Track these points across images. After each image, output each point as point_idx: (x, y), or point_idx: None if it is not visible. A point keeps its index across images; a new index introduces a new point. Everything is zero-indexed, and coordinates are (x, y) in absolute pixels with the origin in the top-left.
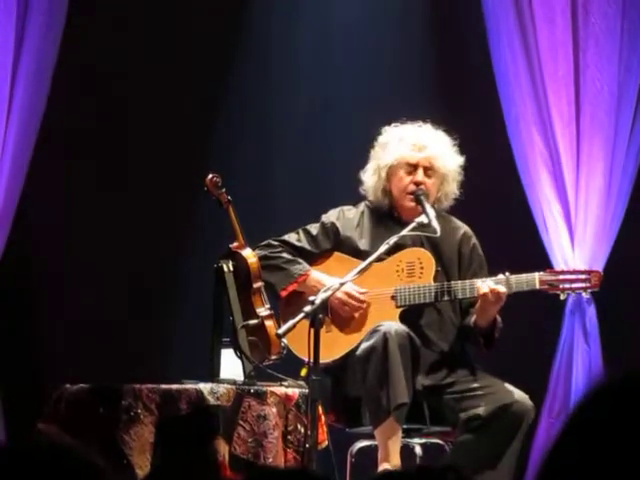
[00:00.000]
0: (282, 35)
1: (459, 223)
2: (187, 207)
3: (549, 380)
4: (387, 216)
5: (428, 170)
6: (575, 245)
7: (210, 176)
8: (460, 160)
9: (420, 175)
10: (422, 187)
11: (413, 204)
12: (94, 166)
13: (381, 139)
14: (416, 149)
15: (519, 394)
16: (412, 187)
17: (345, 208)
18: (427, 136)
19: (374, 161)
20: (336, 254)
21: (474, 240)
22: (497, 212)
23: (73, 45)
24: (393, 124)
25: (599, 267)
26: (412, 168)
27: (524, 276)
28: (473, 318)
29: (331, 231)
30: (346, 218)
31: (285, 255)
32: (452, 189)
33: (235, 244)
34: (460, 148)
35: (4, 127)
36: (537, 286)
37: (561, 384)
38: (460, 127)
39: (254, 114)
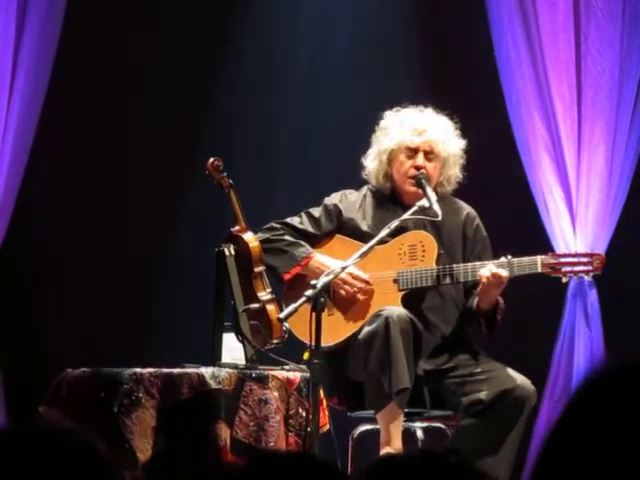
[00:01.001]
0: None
1: (463, 204)
2: (188, 191)
3: (551, 364)
4: (389, 199)
5: (429, 154)
6: (576, 229)
7: (211, 160)
8: (462, 144)
9: (420, 159)
10: (423, 171)
11: (414, 188)
12: (93, 152)
13: (382, 124)
14: (416, 133)
15: (521, 378)
16: (413, 171)
17: (347, 191)
18: (428, 120)
19: (375, 146)
20: (338, 236)
21: (478, 221)
22: (498, 196)
23: (72, 38)
24: (395, 108)
25: (601, 251)
26: (412, 152)
27: (526, 259)
28: (475, 300)
29: (334, 213)
30: (349, 201)
31: (288, 238)
32: (454, 173)
33: (236, 228)
34: (461, 132)
35: (4, 118)
36: (539, 269)
37: (562, 368)
38: (461, 111)
39: (254, 97)
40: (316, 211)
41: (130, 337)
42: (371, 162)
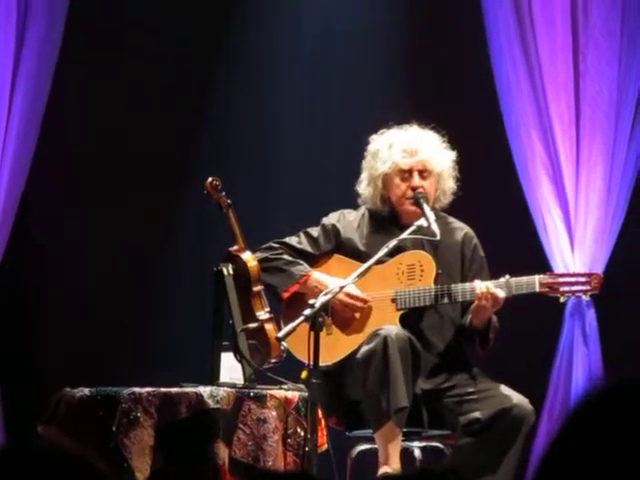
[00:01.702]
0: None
1: (460, 224)
2: (186, 210)
3: (549, 383)
4: (387, 219)
5: (423, 172)
6: (575, 248)
7: (210, 179)
8: (452, 155)
9: (416, 180)
10: (420, 190)
11: (414, 208)
12: (93, 167)
13: (371, 148)
14: (407, 155)
15: (519, 398)
16: (410, 193)
17: (346, 211)
18: (416, 139)
19: (367, 171)
20: (337, 256)
21: (475, 241)
22: (497, 215)
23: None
24: (380, 131)
25: (599, 270)
26: (407, 174)
27: (524, 279)
28: (469, 317)
29: (332, 233)
30: (347, 220)
31: (286, 257)
32: (449, 185)
33: (235, 247)
34: (460, 152)
35: (4, 127)
36: (537, 289)
37: (561, 387)
38: (460, 131)
39: (252, 115)
40: (314, 231)
41: (128, 356)
42: (365, 188)
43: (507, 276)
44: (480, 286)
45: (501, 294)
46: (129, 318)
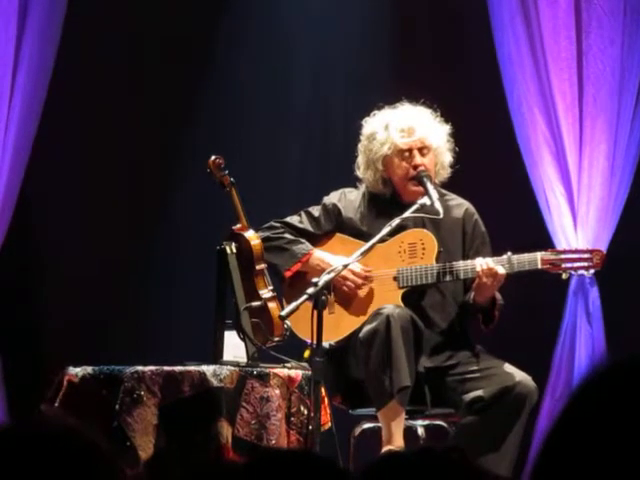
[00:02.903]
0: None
1: (460, 200)
2: (189, 189)
3: (552, 361)
4: (389, 198)
5: (422, 150)
6: (578, 226)
7: (213, 158)
8: (446, 128)
9: (417, 158)
10: (422, 168)
11: (417, 187)
12: (94, 149)
13: (366, 131)
14: (405, 134)
15: (522, 375)
16: (412, 172)
17: (347, 190)
18: (411, 117)
19: (364, 155)
20: (338, 235)
21: (476, 216)
22: (499, 193)
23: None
24: (372, 113)
25: (602, 248)
26: (406, 153)
27: (526, 256)
28: (472, 294)
29: (333, 212)
30: (348, 200)
31: (287, 236)
32: (446, 158)
33: (238, 226)
34: (462, 129)
35: (5, 118)
36: (539, 265)
37: (564, 365)
38: (462, 109)
39: (257, 93)
40: (315, 210)
41: (131, 335)
42: (365, 172)
43: (509, 253)
44: (481, 263)
45: (501, 271)
46: (132, 297)
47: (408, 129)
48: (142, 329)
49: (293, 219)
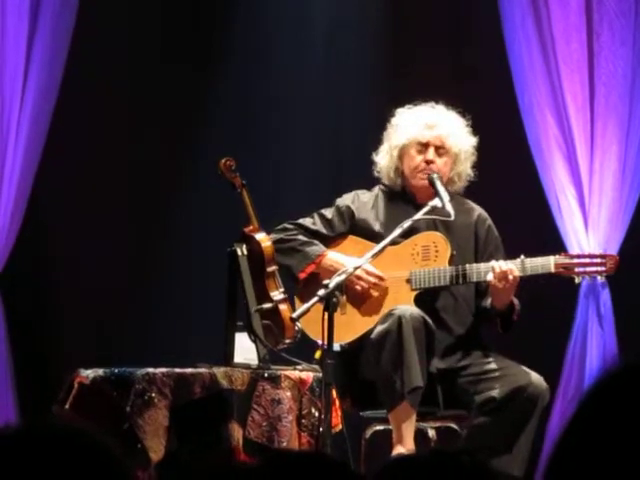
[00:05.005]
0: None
1: (473, 205)
2: (200, 191)
3: (563, 364)
4: (401, 198)
5: (439, 149)
6: (589, 229)
7: (223, 160)
8: (473, 140)
9: (431, 154)
10: (432, 166)
11: (424, 182)
12: (105, 150)
13: (393, 121)
14: (427, 128)
15: (534, 376)
16: (423, 165)
17: (360, 192)
18: (438, 115)
19: (386, 142)
20: (351, 237)
21: (489, 222)
22: (511, 196)
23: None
24: (406, 106)
25: (613, 251)
26: (423, 147)
27: (539, 259)
28: (489, 300)
29: (346, 214)
30: (361, 201)
31: (301, 237)
32: (465, 169)
33: (249, 228)
34: (474, 132)
35: (17, 119)
36: (552, 269)
37: (575, 368)
38: (474, 111)
39: (268, 95)
40: (328, 212)
41: (143, 337)
42: (382, 158)
43: (522, 256)
44: (495, 266)
45: (516, 272)
46: (144, 299)
47: (431, 124)
48: (153, 331)
49: (306, 221)
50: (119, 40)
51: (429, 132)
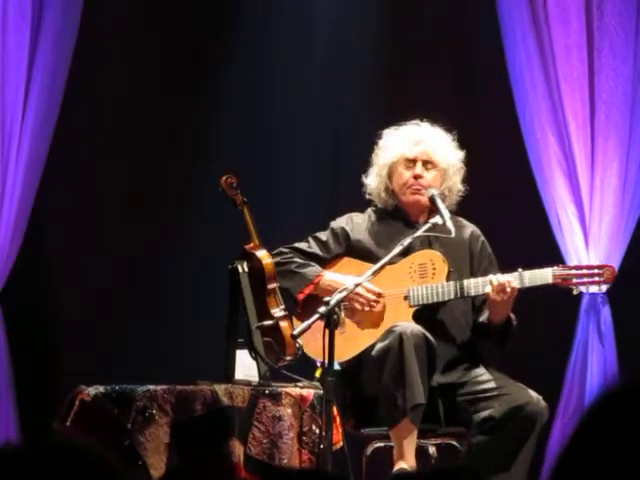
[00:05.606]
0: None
1: (465, 222)
2: (201, 208)
3: (564, 380)
4: (394, 217)
5: (427, 164)
6: (589, 246)
7: (225, 177)
8: (460, 155)
9: (419, 168)
10: (421, 181)
11: (414, 198)
12: (108, 162)
13: (380, 142)
14: (413, 144)
15: (532, 395)
16: (412, 181)
17: (353, 214)
18: (424, 132)
19: (375, 164)
20: (346, 258)
21: (482, 238)
22: (511, 213)
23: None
24: (392, 127)
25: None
26: (411, 163)
27: (537, 271)
28: (486, 314)
29: (341, 236)
30: (355, 223)
31: (297, 260)
32: (455, 184)
33: (250, 245)
34: (474, 148)
35: (18, 130)
36: (550, 280)
37: (576, 384)
38: (475, 128)
39: (269, 111)
40: (323, 235)
41: (144, 353)
42: (372, 180)
43: (520, 269)
44: (492, 279)
45: (514, 284)
46: (144, 316)
47: (417, 140)
48: (154, 348)
49: (301, 244)
50: (119, 55)
51: (416, 147)
